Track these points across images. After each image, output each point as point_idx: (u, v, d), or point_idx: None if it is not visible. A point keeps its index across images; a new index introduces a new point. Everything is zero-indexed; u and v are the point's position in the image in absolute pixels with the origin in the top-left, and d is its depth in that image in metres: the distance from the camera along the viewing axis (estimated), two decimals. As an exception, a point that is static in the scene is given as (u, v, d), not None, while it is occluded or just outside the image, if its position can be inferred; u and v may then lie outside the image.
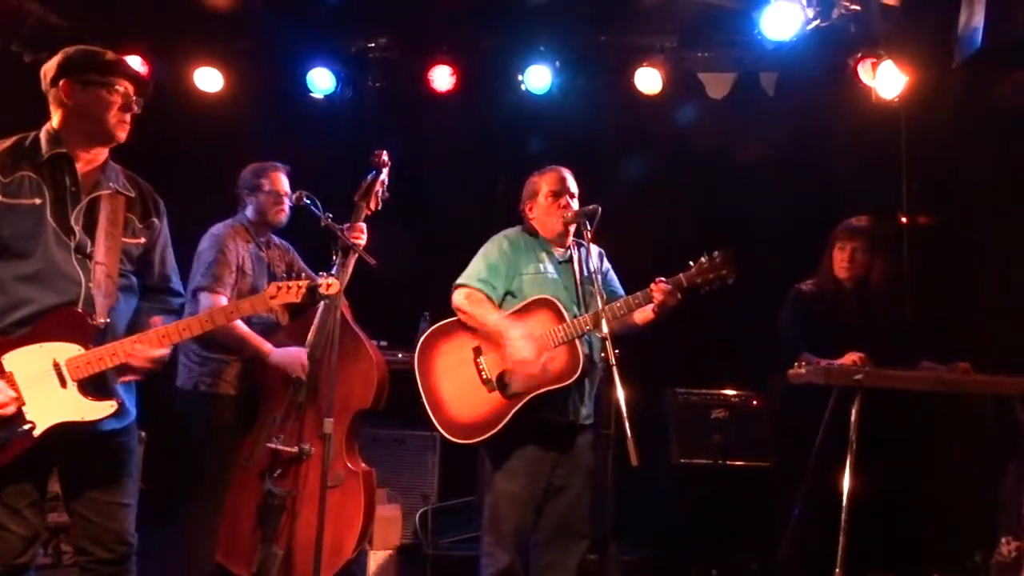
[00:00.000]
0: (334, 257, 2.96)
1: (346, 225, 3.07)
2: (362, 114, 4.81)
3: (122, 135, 2.31)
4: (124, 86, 2.27)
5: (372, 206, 3.17)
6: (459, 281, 3.07)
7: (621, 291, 3.18)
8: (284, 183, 3.45)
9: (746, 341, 4.12)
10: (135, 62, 4.53)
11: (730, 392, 4.14)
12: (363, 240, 3.12)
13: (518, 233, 3.17)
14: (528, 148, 4.65)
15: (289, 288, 2.37)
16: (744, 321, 4.10)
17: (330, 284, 2.46)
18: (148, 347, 2.19)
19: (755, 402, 4.09)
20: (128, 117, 2.29)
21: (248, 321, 3.23)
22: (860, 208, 3.75)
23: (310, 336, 3.13)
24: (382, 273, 3.09)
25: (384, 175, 3.19)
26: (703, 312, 3.40)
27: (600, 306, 2.76)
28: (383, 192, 3.18)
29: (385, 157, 3.18)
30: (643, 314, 2.98)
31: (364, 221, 3.17)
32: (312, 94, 4.71)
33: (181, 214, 2.62)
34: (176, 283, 2.50)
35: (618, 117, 4.77)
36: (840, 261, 3.62)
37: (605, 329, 2.68)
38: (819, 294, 3.63)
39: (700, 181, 4.86)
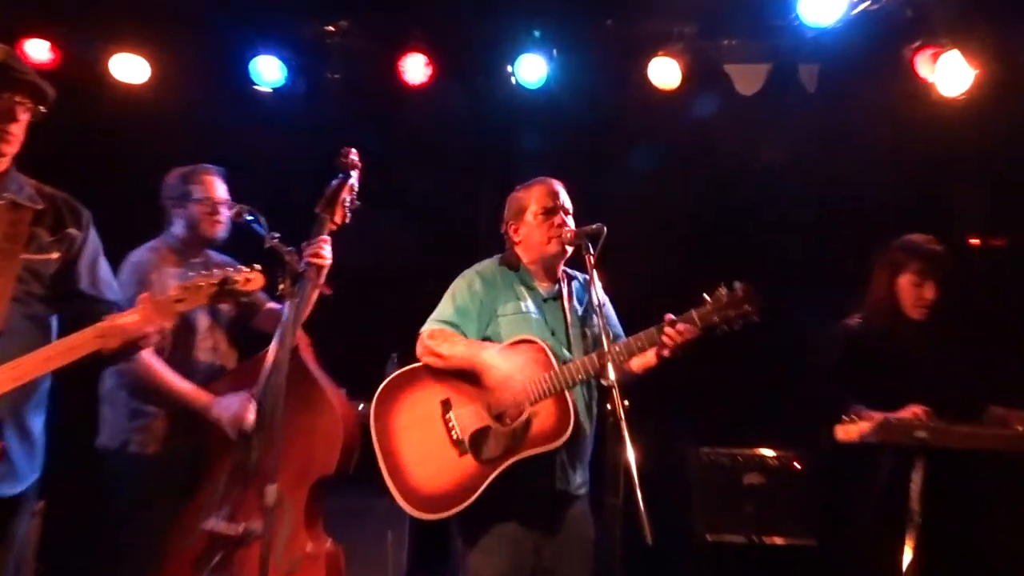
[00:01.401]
0: (280, 286, 2.94)
1: (304, 244, 3.08)
2: (317, 112, 4.84)
3: (7, 149, 2.31)
4: (6, 98, 2.29)
5: (338, 218, 3.15)
6: (424, 327, 3.07)
7: (620, 330, 3.18)
8: (219, 188, 3.43)
9: (784, 389, 4.05)
10: (41, 48, 4.51)
11: (767, 452, 4.12)
12: (327, 261, 3.09)
13: (493, 267, 3.17)
14: (518, 155, 4.72)
15: (199, 288, 2.38)
16: (781, 364, 4.07)
17: (250, 279, 2.47)
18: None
19: (797, 465, 4.08)
20: (14, 128, 2.29)
21: (190, 367, 3.23)
22: (916, 225, 3.73)
23: (260, 382, 3.09)
24: (341, 303, 3.11)
25: (354, 179, 3.18)
26: (730, 353, 3.39)
27: (606, 345, 2.76)
28: (352, 200, 3.18)
29: (354, 157, 3.18)
30: (644, 359, 2.99)
31: (329, 236, 3.15)
32: (257, 87, 4.79)
33: (100, 232, 2.65)
34: (112, 296, 2.54)
35: (627, 118, 4.81)
36: (916, 296, 3.54)
37: (612, 375, 2.67)
38: (872, 332, 3.60)
39: (723, 195, 4.87)
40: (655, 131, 4.81)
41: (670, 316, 2.88)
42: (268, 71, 4.73)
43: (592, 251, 2.90)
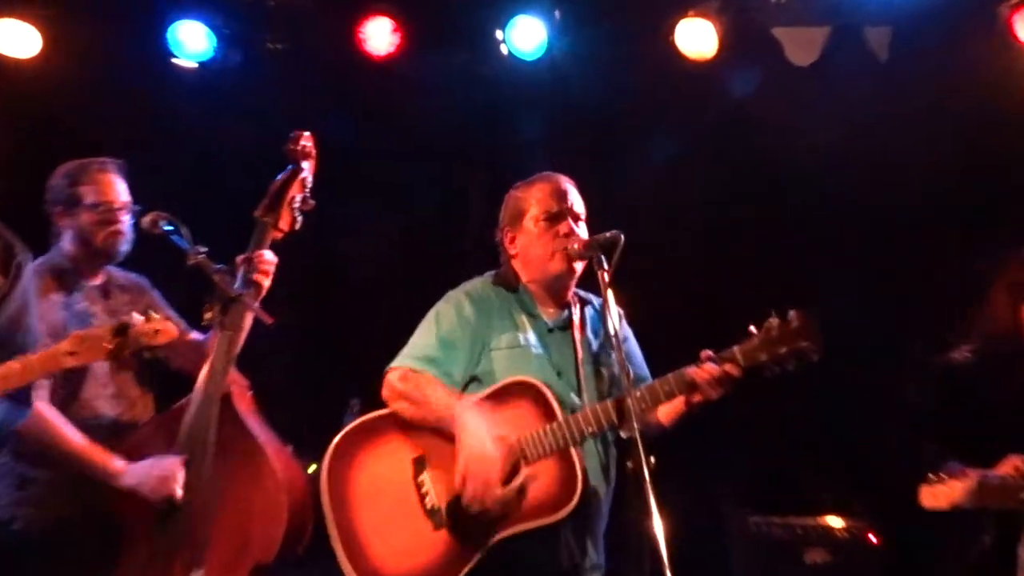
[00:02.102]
0: (207, 314, 2.93)
1: (240, 259, 3.09)
2: (256, 91, 4.83)
3: None
4: None
5: (284, 224, 3.17)
6: (393, 363, 3.07)
7: (646, 370, 3.20)
8: (117, 189, 3.40)
9: (855, 440, 4.14)
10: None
11: (833, 522, 4.08)
12: (267, 281, 3.10)
13: (486, 287, 3.19)
14: (513, 144, 4.75)
15: (96, 341, 2.46)
16: (850, 407, 4.11)
17: (159, 330, 2.55)
18: None
19: (872, 538, 4.06)
20: None
21: (88, 420, 3.20)
22: (1020, 230, 3.75)
23: (180, 439, 3.07)
24: (288, 333, 3.19)
25: (306, 172, 3.19)
26: (785, 392, 3.38)
27: (627, 387, 2.76)
28: (303, 200, 3.19)
29: (307, 144, 3.19)
30: (672, 406, 3.02)
31: (272, 247, 3.16)
32: (178, 60, 4.78)
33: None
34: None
35: (648, 96, 4.81)
36: None
37: (634, 426, 2.68)
38: (986, 369, 3.53)
39: (770, 193, 4.85)
40: (683, 113, 4.80)
41: (708, 353, 2.87)
42: (192, 40, 4.73)
43: (606, 266, 2.89)
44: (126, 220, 3.35)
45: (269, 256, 3.12)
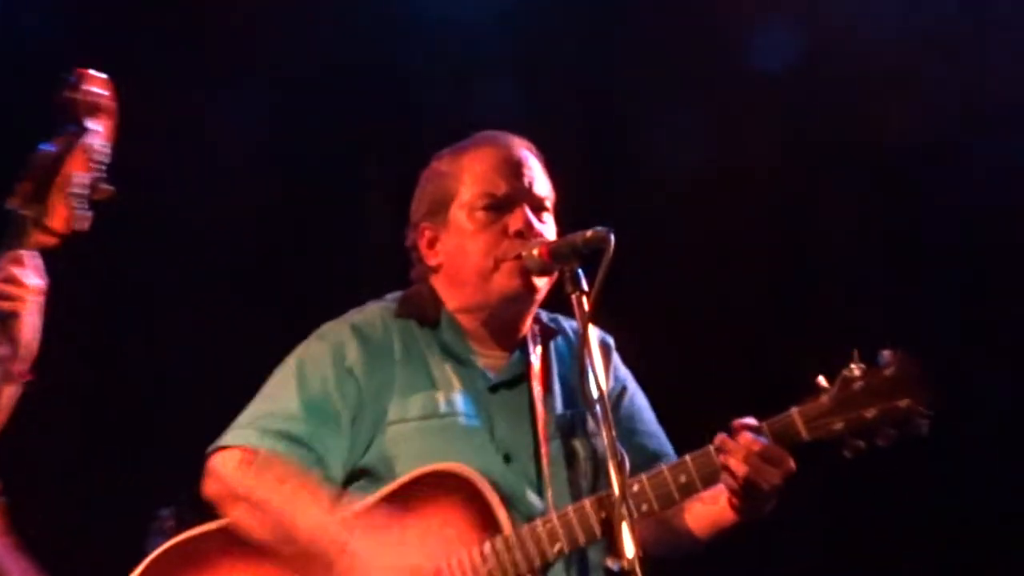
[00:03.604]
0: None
1: None
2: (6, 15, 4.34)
3: None
4: None
5: (58, 221, 2.71)
6: (224, 439, 2.73)
7: (664, 443, 2.94)
8: None
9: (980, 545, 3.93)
10: None
11: None
12: (20, 310, 2.62)
13: (384, 319, 2.89)
14: (431, 92, 4.42)
15: None
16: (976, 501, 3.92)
17: None
18: None
19: None
20: None
21: None
22: None
23: None
24: (63, 400, 3.17)
25: (96, 139, 2.75)
26: (875, 477, 3.30)
27: (614, 478, 2.43)
28: (94, 182, 2.75)
29: (97, 92, 2.75)
30: (709, 510, 2.75)
31: (39, 257, 2.71)
32: None
33: None
34: None
35: (632, 22, 4.55)
36: None
37: (628, 548, 2.34)
38: None
39: (851, 160, 4.47)
40: (717, 32, 4.47)
41: (745, 421, 2.55)
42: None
43: (583, 288, 2.55)
44: None
45: (28, 276, 2.62)
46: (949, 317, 3.85)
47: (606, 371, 2.84)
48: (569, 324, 2.91)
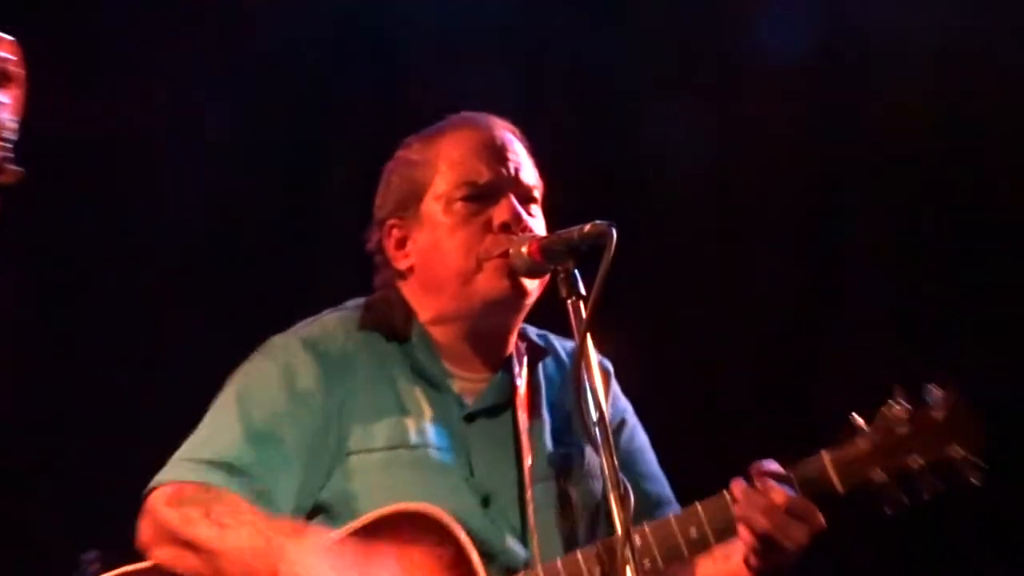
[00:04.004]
0: None
1: None
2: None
3: None
4: None
5: None
6: (160, 475, 2.57)
7: (666, 489, 2.79)
8: None
9: None
10: None
11: None
12: None
13: (344, 332, 2.71)
14: (405, 59, 4.27)
15: None
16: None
17: None
18: None
19: None
20: None
21: None
22: None
23: None
24: None
25: (1, 111, 2.67)
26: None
27: (623, 522, 2.27)
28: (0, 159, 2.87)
29: (3, 54, 2.58)
30: (718, 567, 2.62)
31: None
32: None
33: None
34: None
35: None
36: None
37: None
38: None
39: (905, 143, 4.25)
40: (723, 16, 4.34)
41: (765, 466, 2.42)
42: None
43: (581, 292, 2.39)
44: None
45: None
46: (1003, 344, 3.73)
47: (609, 401, 2.67)
48: (561, 344, 2.74)
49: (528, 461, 2.59)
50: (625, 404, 2.78)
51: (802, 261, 4.37)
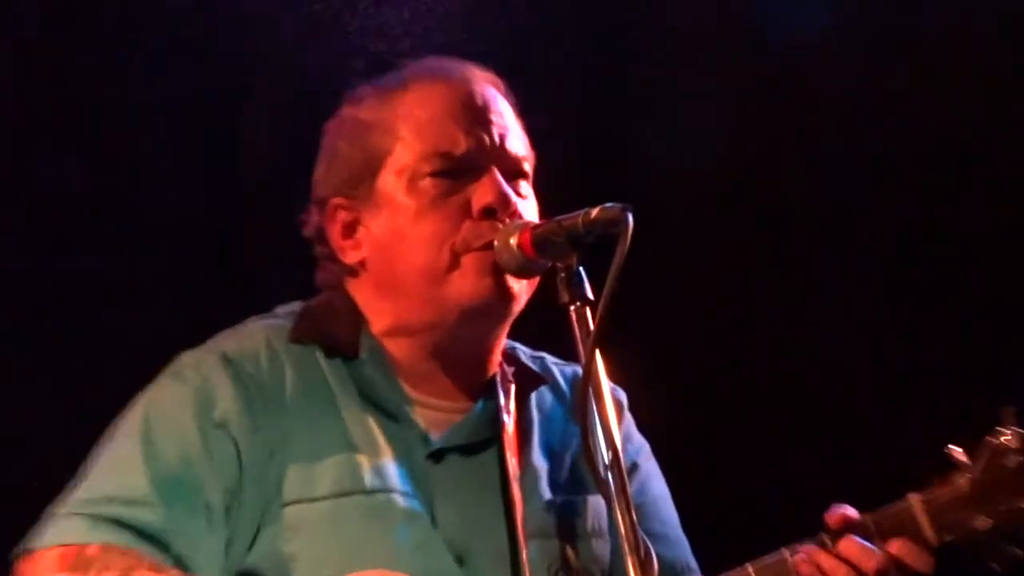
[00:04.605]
0: None
1: None
2: None
3: None
4: None
5: None
6: (37, 535, 2.27)
7: (686, 552, 2.53)
8: None
9: None
10: None
11: None
12: None
13: (268, 342, 2.41)
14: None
15: None
16: None
17: None
18: None
19: None
20: None
21: None
22: None
23: None
24: None
25: None
26: None
27: None
28: None
29: None
30: None
31: None
32: None
33: None
34: None
35: None
36: None
37: None
38: None
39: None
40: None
41: (844, 513, 2.13)
42: None
43: (587, 296, 2.14)
44: None
45: None
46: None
47: (624, 439, 2.38)
48: (560, 369, 2.46)
49: (520, 515, 2.29)
50: (640, 443, 2.47)
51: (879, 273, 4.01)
